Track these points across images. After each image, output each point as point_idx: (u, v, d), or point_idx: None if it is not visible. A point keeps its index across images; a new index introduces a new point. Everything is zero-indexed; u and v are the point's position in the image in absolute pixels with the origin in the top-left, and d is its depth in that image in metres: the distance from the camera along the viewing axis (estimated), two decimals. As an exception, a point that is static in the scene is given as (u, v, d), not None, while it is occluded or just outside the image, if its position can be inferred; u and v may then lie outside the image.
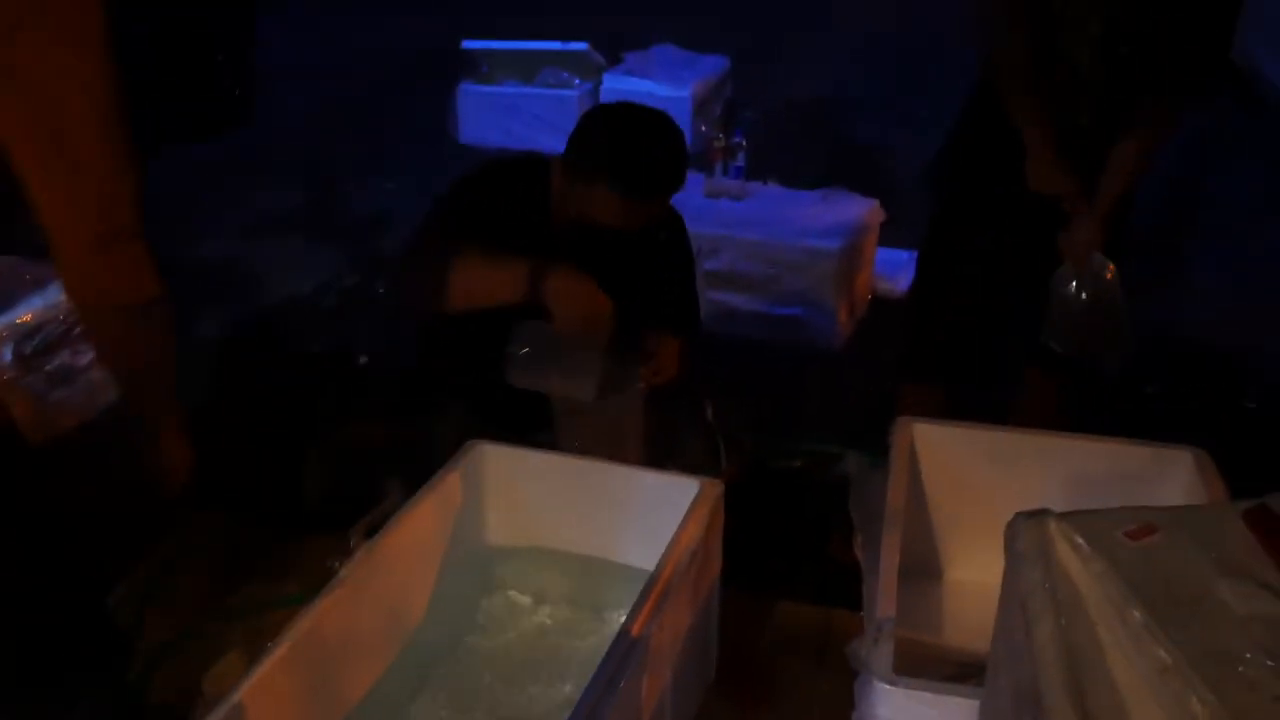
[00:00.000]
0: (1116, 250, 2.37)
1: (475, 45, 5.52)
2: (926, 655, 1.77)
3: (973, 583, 2.03)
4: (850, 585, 1.90)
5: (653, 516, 1.80)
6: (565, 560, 2.00)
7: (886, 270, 3.99)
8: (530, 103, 5.41)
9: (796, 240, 3.65)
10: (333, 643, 1.59)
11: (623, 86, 5.27)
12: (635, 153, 2.08)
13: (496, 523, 2.02)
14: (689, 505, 1.77)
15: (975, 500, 1.97)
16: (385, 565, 1.71)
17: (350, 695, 1.68)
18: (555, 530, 1.99)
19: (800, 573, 2.42)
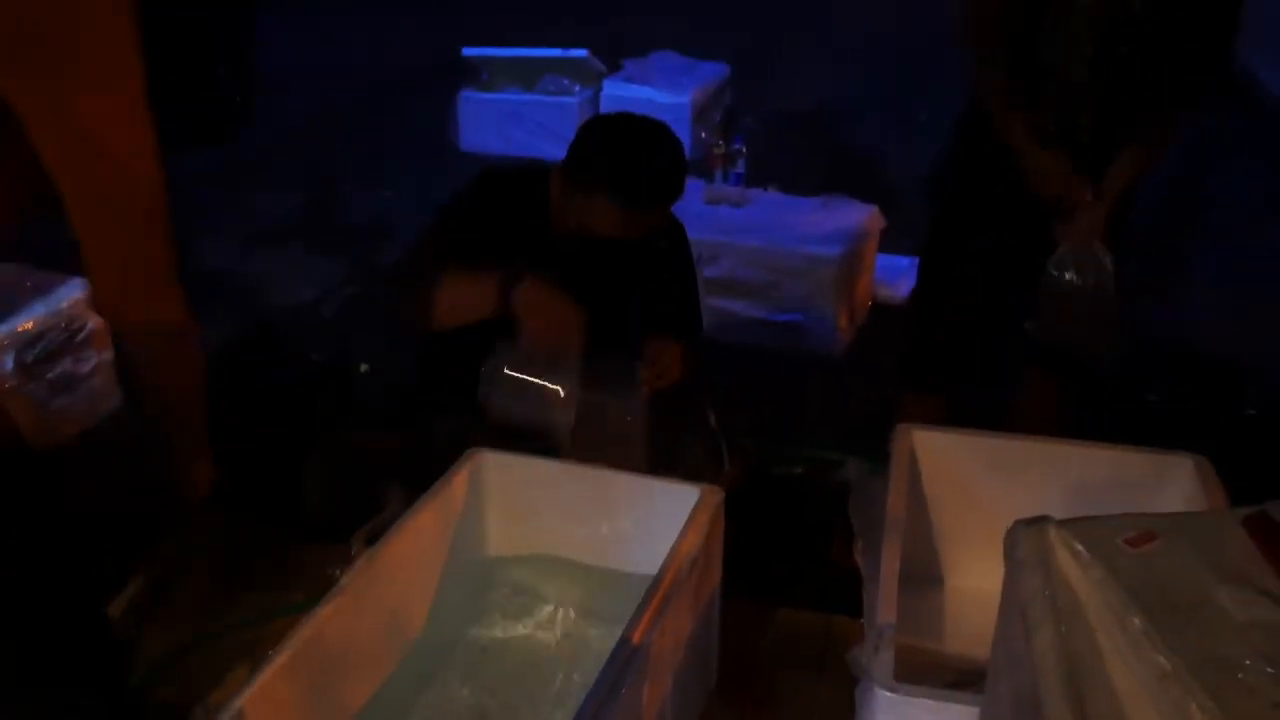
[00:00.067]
0: (1116, 250, 2.37)
1: (475, 52, 5.53)
2: (927, 662, 1.77)
3: (973, 590, 2.02)
4: (851, 592, 1.90)
5: (653, 523, 1.80)
6: (566, 567, 2.00)
7: (887, 276, 3.99)
8: (531, 110, 5.41)
9: (797, 247, 3.65)
10: (334, 650, 1.59)
11: (623, 93, 5.28)
12: (634, 164, 2.08)
13: (497, 530, 2.02)
14: (690, 512, 1.77)
15: (975, 507, 1.97)
16: (386, 573, 1.72)
17: (351, 703, 1.68)
18: (556, 537, 1.99)
19: (801, 579, 2.42)
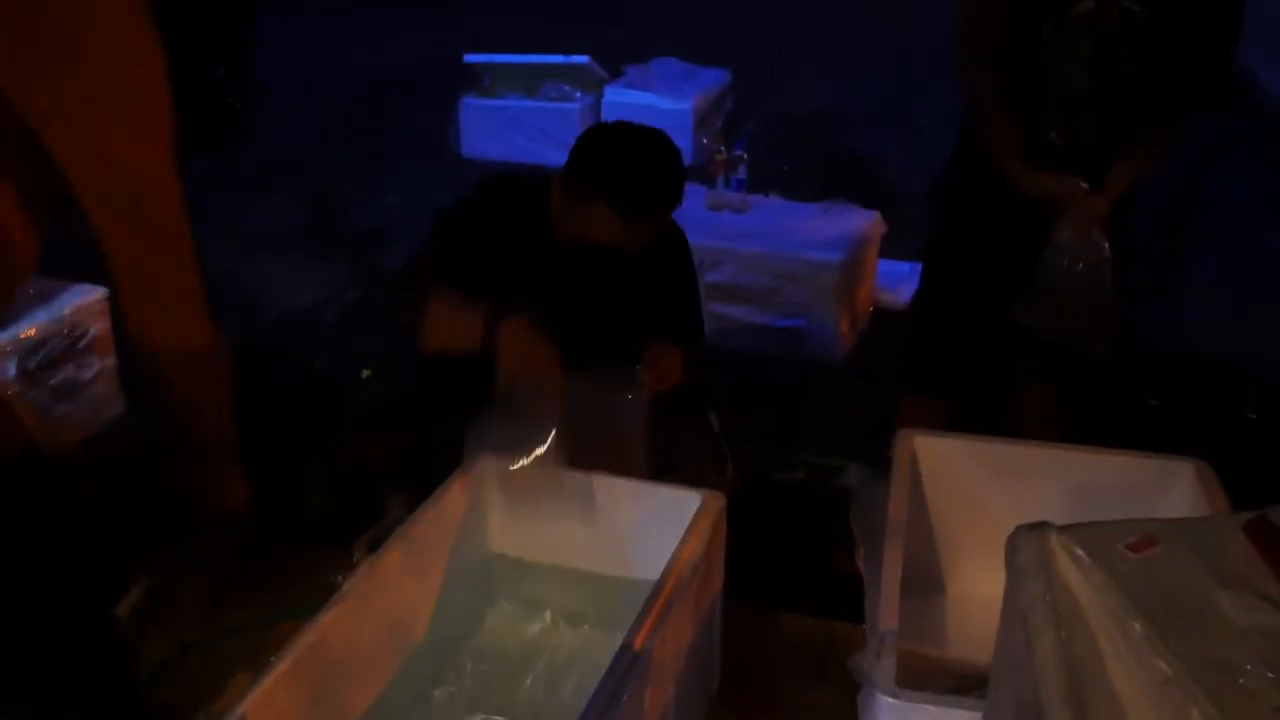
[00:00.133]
0: (1116, 250, 2.36)
1: (477, 58, 5.52)
2: (929, 668, 1.77)
3: (974, 595, 2.03)
4: (852, 597, 1.90)
5: (655, 529, 1.80)
6: (567, 573, 2.00)
7: (888, 282, 3.98)
8: (532, 116, 5.41)
9: (798, 252, 3.65)
10: (336, 656, 1.59)
11: (624, 99, 5.27)
12: (633, 172, 2.08)
13: (498, 536, 2.02)
14: (691, 518, 1.77)
15: (977, 512, 1.97)
16: (388, 579, 1.72)
17: (353, 709, 1.68)
18: (557, 544, 1.99)
19: (802, 585, 2.41)
